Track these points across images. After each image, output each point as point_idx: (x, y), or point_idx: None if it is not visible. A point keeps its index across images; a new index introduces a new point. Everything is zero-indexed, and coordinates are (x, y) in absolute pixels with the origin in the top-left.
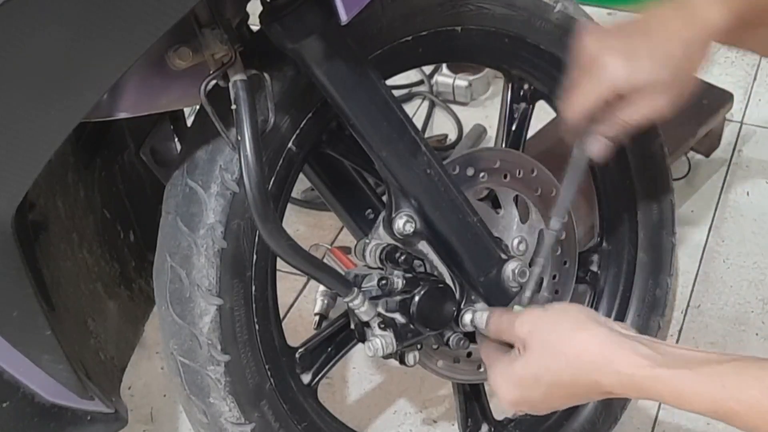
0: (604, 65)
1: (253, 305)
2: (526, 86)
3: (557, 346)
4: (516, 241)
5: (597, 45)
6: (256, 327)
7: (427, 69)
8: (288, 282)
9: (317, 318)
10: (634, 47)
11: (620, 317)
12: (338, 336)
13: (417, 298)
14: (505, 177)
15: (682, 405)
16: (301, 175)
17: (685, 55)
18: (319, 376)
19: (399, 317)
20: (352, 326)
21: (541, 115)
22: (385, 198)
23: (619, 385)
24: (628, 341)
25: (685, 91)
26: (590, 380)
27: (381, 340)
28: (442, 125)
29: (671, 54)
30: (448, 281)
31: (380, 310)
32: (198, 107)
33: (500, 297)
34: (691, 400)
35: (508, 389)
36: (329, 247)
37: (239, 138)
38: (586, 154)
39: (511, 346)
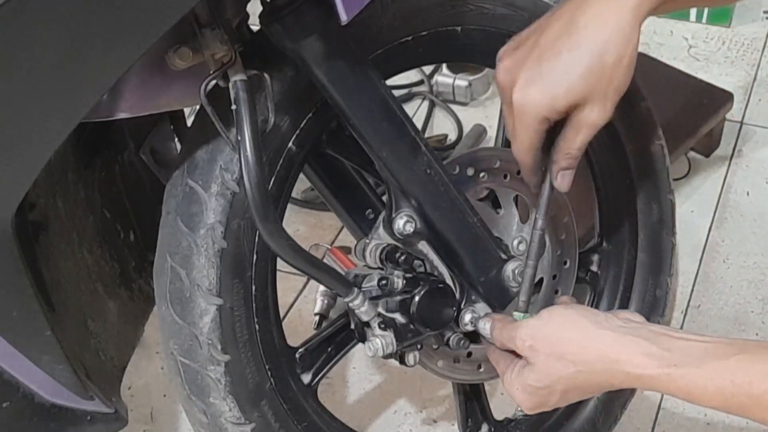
0: (523, 100)
1: (253, 305)
2: None
3: (563, 357)
4: (516, 241)
5: (510, 76)
6: (256, 327)
7: (427, 69)
8: (288, 282)
9: (317, 318)
10: (547, 67)
11: None
12: (338, 336)
13: (417, 298)
14: (505, 177)
15: (692, 401)
16: (301, 175)
17: (603, 57)
18: (319, 376)
19: (399, 317)
20: (352, 326)
21: None
22: (385, 198)
23: (629, 382)
24: (633, 340)
25: (620, 88)
26: (602, 381)
27: (381, 340)
28: (442, 125)
29: (586, 63)
30: (448, 281)
31: (380, 310)
32: (198, 107)
33: (500, 297)
34: (701, 397)
35: (525, 397)
36: (329, 247)
37: (239, 138)
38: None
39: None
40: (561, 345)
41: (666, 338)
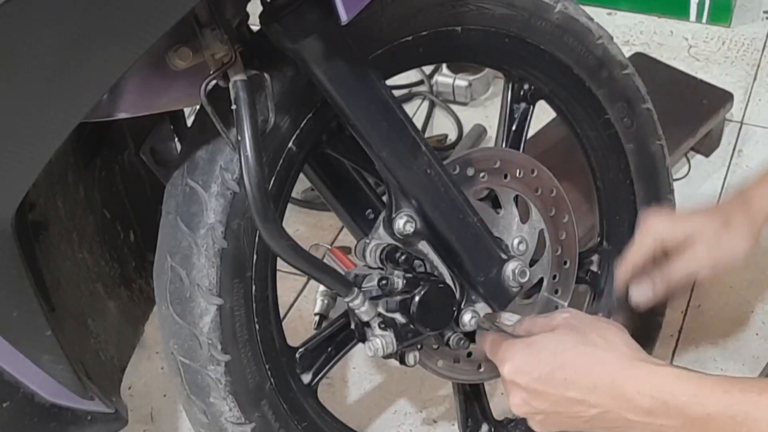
0: (649, 223)
1: (254, 305)
2: (526, 86)
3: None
4: (516, 241)
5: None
6: (257, 327)
7: (427, 69)
8: (288, 282)
9: (317, 318)
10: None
11: None
12: (338, 336)
13: (417, 298)
14: (505, 177)
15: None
16: (301, 175)
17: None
18: (319, 376)
19: (399, 317)
20: (352, 326)
21: (541, 115)
22: (385, 198)
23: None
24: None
25: (728, 260)
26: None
27: (381, 340)
28: (442, 125)
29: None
30: (448, 281)
31: (380, 310)
32: (198, 107)
33: (500, 297)
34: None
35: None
36: (329, 247)
37: (239, 138)
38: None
39: None
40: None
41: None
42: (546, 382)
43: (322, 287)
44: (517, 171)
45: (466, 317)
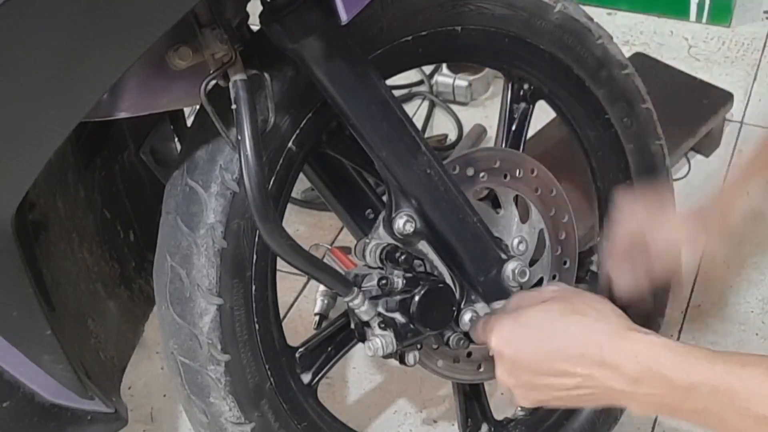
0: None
1: (253, 305)
2: (526, 86)
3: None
4: (516, 241)
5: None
6: (256, 327)
7: (427, 69)
8: (288, 282)
9: (317, 318)
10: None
11: None
12: (338, 336)
13: (417, 298)
14: (505, 177)
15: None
16: (301, 175)
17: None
18: (319, 376)
19: (399, 317)
20: (352, 326)
21: (541, 115)
22: (385, 198)
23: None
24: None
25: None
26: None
27: (381, 340)
28: (442, 125)
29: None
30: (448, 281)
31: (380, 309)
32: (198, 107)
33: (500, 297)
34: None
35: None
36: (329, 247)
37: (239, 138)
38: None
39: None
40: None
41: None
42: (533, 354)
43: (322, 287)
44: (517, 171)
45: (466, 317)
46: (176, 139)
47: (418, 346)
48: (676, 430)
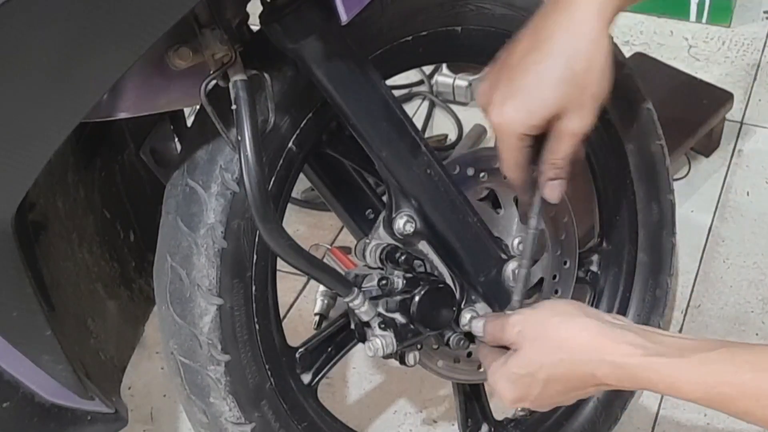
0: (500, 119)
1: (254, 305)
2: None
3: (548, 342)
4: (516, 241)
5: (486, 98)
6: (257, 327)
7: (427, 69)
8: (288, 282)
9: (317, 318)
10: (518, 84)
11: None
12: (338, 336)
13: (417, 298)
14: (505, 177)
15: (675, 393)
16: (301, 175)
17: (572, 65)
18: (319, 376)
19: (399, 317)
20: (352, 326)
21: None
22: (385, 198)
23: (612, 375)
24: (619, 330)
25: (596, 95)
26: (584, 372)
27: (381, 340)
28: (442, 125)
29: (557, 74)
30: (448, 281)
31: (380, 310)
32: (198, 107)
33: (500, 297)
34: (684, 387)
35: (506, 387)
36: (329, 247)
37: (239, 138)
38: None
39: (508, 349)
40: (547, 330)
41: (652, 334)
42: (540, 401)
43: (322, 287)
44: None
45: (466, 317)
46: (176, 139)
47: (419, 346)
48: (677, 429)
